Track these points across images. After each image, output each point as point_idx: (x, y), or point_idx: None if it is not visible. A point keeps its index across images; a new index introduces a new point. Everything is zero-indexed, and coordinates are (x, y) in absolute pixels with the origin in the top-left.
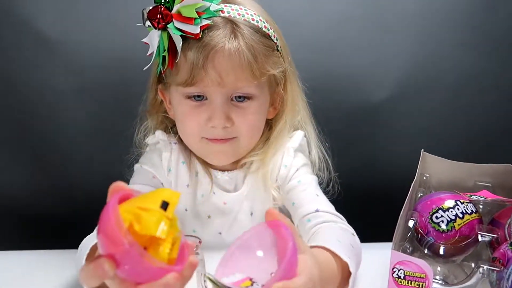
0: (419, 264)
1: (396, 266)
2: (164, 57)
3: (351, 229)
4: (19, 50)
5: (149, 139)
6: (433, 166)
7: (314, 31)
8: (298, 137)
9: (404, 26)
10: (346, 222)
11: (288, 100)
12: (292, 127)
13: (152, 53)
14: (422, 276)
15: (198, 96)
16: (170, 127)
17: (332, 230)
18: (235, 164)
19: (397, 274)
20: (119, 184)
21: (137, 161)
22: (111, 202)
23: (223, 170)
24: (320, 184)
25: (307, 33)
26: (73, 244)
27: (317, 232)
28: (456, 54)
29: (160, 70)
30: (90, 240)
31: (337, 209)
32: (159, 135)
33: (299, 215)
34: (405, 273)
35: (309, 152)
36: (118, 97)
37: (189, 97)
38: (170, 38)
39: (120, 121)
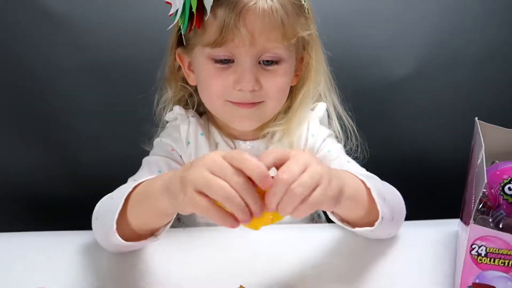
0: (507, 240)
1: (476, 243)
2: (190, 16)
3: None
4: (22, 26)
5: (168, 116)
6: (487, 135)
7: (330, 2)
8: (321, 108)
9: None
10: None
11: (312, 66)
12: (315, 96)
13: (173, 13)
14: (509, 253)
15: (225, 59)
16: (188, 96)
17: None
18: (257, 134)
19: (476, 252)
20: None
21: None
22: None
23: (245, 140)
24: (349, 154)
25: (323, 4)
26: (80, 226)
27: None
28: (478, 26)
29: (181, 32)
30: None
31: None
32: (177, 110)
33: None
34: (487, 250)
35: (330, 124)
36: (128, 75)
37: (215, 61)
38: None
39: (130, 100)
